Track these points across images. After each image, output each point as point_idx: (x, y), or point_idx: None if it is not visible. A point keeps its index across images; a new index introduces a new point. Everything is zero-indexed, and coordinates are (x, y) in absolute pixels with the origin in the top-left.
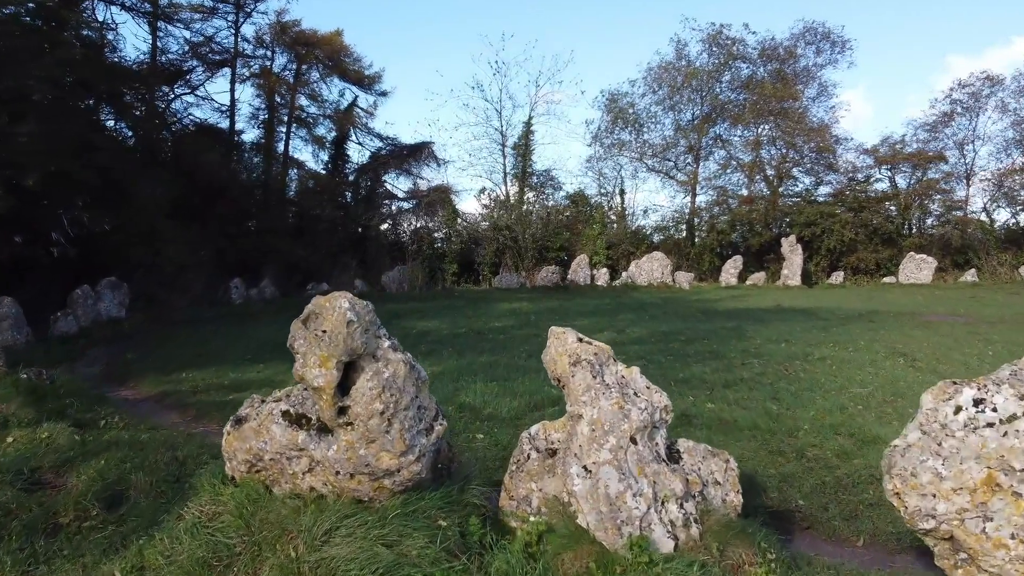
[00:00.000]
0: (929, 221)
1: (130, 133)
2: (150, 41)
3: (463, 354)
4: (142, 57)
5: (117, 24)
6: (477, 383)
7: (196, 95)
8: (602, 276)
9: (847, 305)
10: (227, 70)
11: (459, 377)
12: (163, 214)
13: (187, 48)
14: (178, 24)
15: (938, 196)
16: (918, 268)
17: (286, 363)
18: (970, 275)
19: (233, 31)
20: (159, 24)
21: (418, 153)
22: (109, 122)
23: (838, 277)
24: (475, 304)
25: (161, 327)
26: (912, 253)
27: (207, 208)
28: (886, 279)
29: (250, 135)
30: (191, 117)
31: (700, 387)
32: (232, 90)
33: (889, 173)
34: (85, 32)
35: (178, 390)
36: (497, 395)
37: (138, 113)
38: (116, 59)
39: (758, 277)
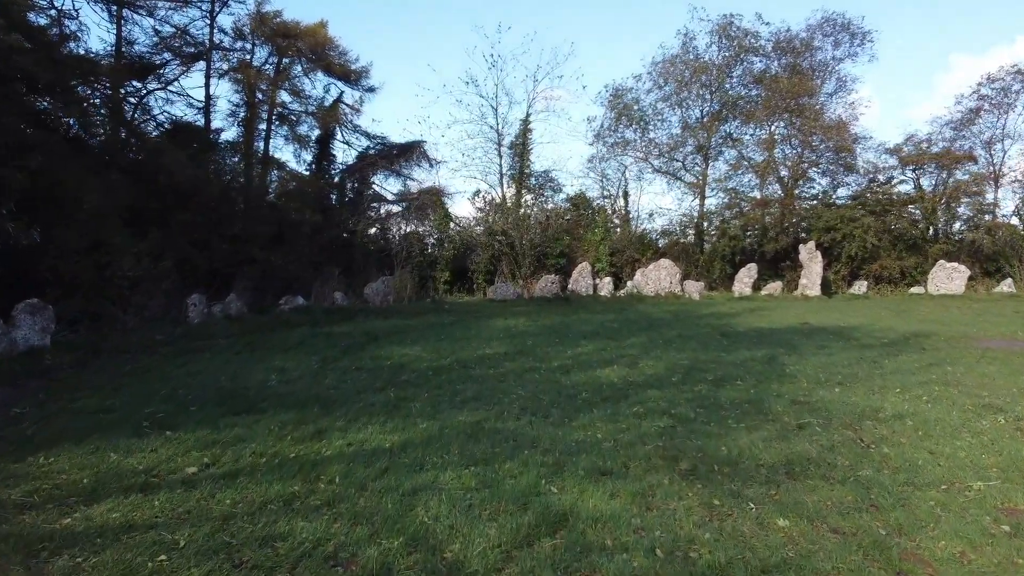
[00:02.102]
0: (957, 226)
1: (82, 131)
2: (117, 32)
3: (438, 407)
4: (110, 49)
5: (78, 11)
6: (447, 472)
7: (170, 90)
8: (605, 285)
9: (883, 324)
10: (202, 64)
11: (424, 459)
12: (116, 222)
13: (157, 40)
14: (141, 11)
15: (967, 199)
16: (949, 277)
17: (204, 428)
18: (1006, 285)
19: (208, 21)
20: (124, 12)
21: (409, 153)
22: (68, 120)
23: (861, 287)
24: (465, 321)
25: (91, 359)
26: (942, 261)
27: (173, 214)
28: (913, 289)
29: (227, 134)
30: (167, 114)
31: (757, 478)
32: (207, 85)
33: (914, 174)
34: (34, 19)
35: (5, 500)
36: (472, 503)
37: (95, 109)
38: (81, 51)
39: (774, 287)
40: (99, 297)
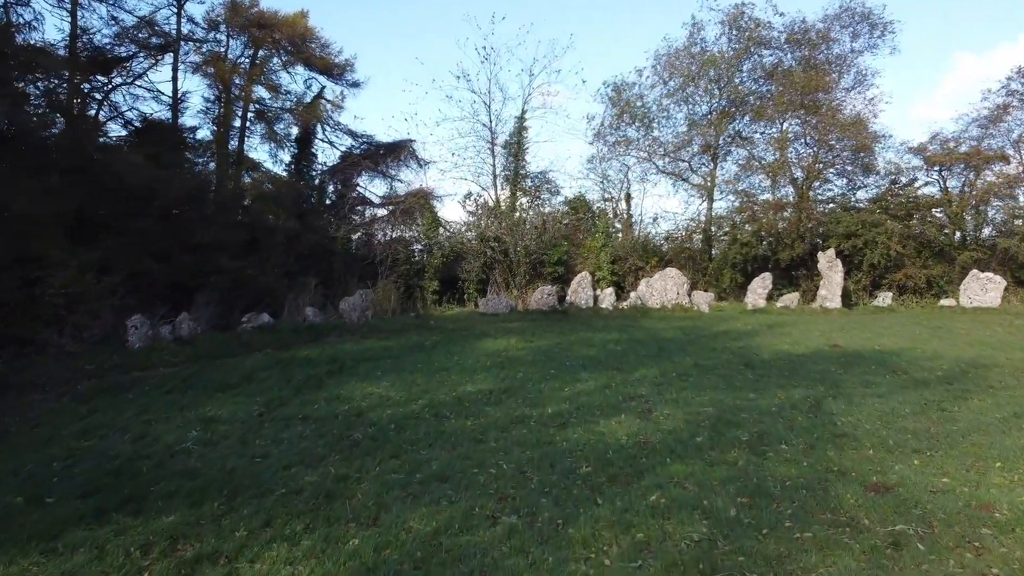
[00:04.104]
0: (986, 231)
1: (9, 127)
2: (72, 20)
3: (386, 498)
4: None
5: None
6: None
7: (138, 86)
8: (607, 297)
9: (926, 347)
10: (171, 57)
11: None
12: (54, 230)
13: (118, 30)
14: None
15: (998, 202)
16: (983, 289)
17: (32, 552)
18: None
19: (175, 10)
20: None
21: (396, 152)
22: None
23: (885, 298)
24: (450, 341)
25: None
26: (976, 271)
27: (128, 220)
28: (944, 301)
29: (199, 132)
30: (136, 111)
31: None
32: (175, 79)
33: (939, 176)
34: None
35: None
36: None
37: (35, 102)
38: (38, 43)
39: (790, 298)
40: (27, 318)
